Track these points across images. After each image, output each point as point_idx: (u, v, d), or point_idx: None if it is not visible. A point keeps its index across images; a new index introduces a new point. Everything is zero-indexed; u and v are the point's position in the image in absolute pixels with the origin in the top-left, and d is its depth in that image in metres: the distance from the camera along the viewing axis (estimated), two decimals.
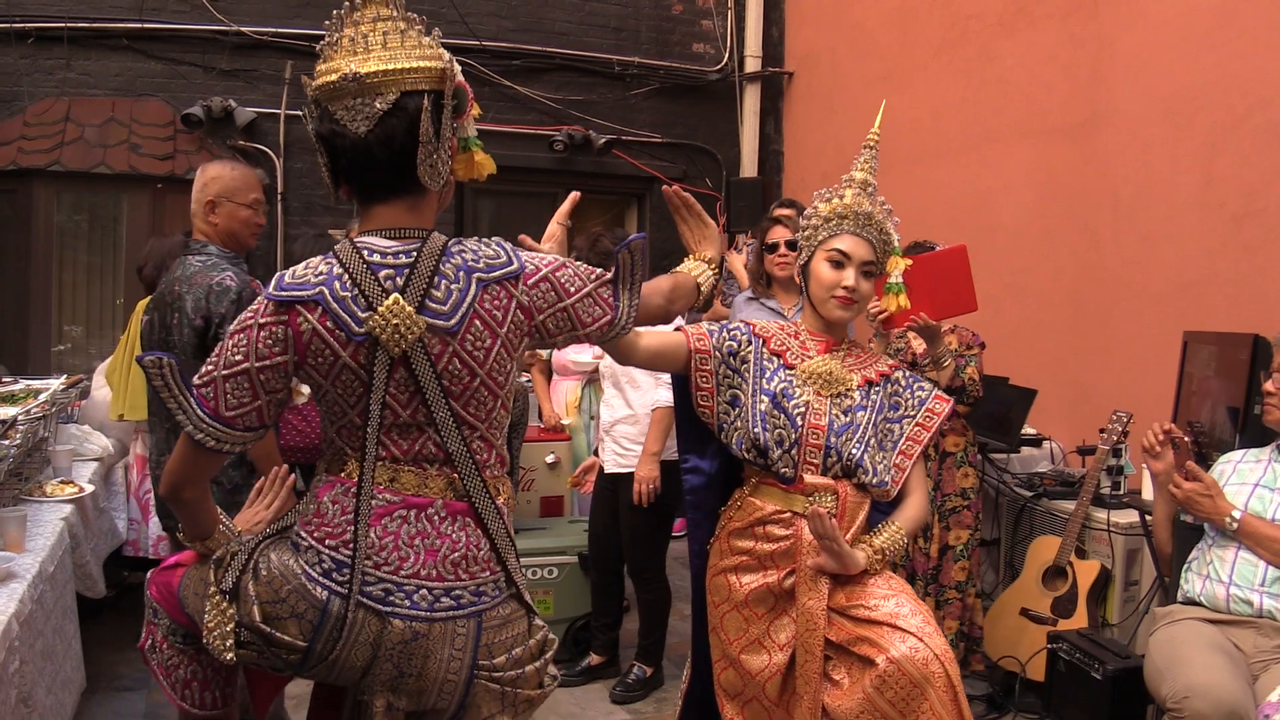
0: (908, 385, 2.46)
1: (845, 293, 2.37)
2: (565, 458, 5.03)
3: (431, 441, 1.72)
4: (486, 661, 1.74)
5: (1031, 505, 4.24)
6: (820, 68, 7.47)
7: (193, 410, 1.66)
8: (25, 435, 3.17)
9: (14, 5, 6.10)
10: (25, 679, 2.31)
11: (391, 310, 1.64)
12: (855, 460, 2.29)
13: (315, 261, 1.71)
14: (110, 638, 4.16)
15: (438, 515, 1.72)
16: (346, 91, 1.65)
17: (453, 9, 6.89)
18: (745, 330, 2.45)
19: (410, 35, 1.69)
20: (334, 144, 1.70)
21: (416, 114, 1.66)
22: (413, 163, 1.68)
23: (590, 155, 7.46)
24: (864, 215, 2.40)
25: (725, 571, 2.38)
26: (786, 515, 2.30)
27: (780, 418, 2.31)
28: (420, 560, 1.69)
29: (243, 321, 1.68)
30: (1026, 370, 4.65)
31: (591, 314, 1.82)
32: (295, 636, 1.68)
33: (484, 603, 1.73)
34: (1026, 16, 5.34)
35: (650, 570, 4.03)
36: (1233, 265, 4.13)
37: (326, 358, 1.67)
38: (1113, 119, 4.76)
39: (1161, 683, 2.62)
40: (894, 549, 2.30)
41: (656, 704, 3.99)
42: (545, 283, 1.77)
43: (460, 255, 1.72)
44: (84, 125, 6.17)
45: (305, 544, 1.71)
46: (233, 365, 1.66)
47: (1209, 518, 2.82)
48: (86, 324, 6.52)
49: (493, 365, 1.72)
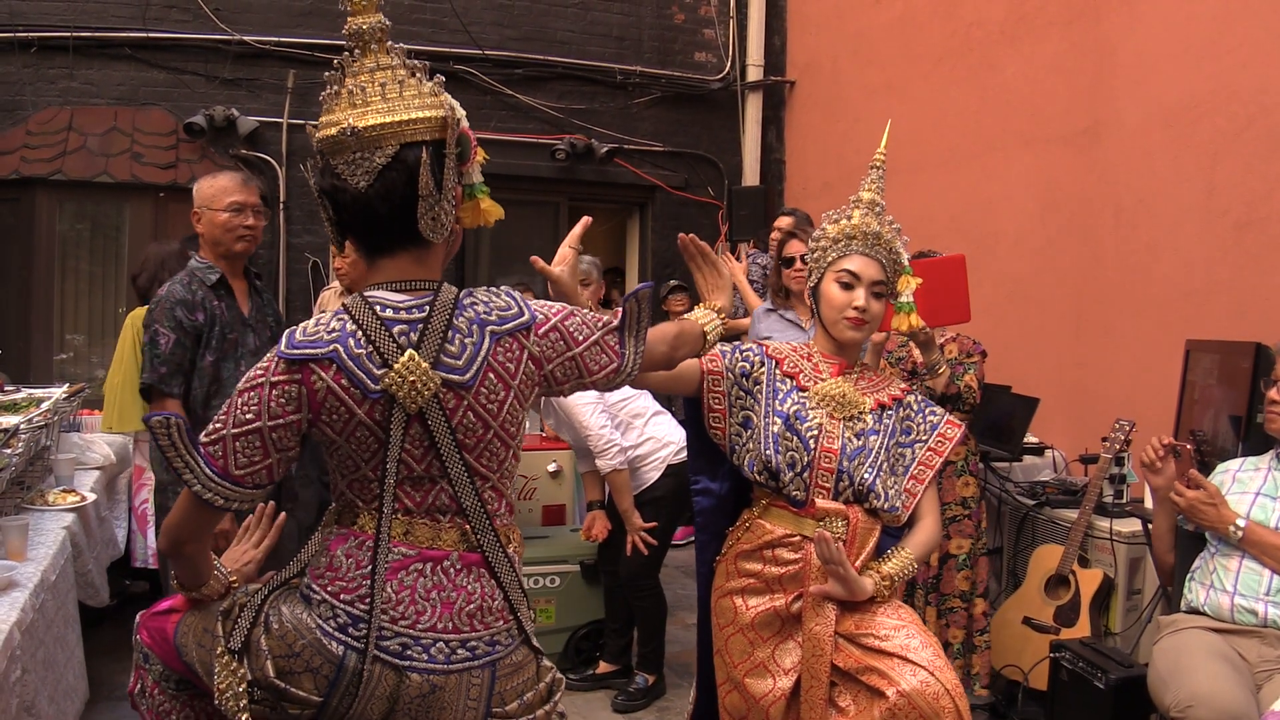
0: (920, 409, 2.45)
1: (856, 313, 2.36)
2: (567, 466, 5.03)
3: (445, 493, 1.71)
4: (500, 709, 1.74)
5: (1034, 514, 4.23)
6: (822, 76, 7.49)
7: (200, 470, 1.64)
8: (27, 444, 3.17)
9: (17, 14, 6.12)
10: (28, 688, 2.30)
11: (407, 367, 1.63)
12: (867, 485, 2.28)
13: (326, 318, 1.68)
14: (110, 647, 4.15)
15: (453, 568, 1.71)
16: (346, 146, 1.65)
17: (455, 18, 6.91)
18: (758, 351, 2.45)
19: (410, 85, 1.68)
20: (336, 199, 1.69)
21: (416, 166, 1.64)
22: (414, 216, 1.66)
23: (592, 164, 7.47)
24: (872, 235, 2.39)
25: (731, 594, 2.37)
26: (796, 539, 2.29)
27: (793, 440, 2.30)
28: (437, 614, 1.68)
29: (253, 379, 1.65)
30: (1028, 378, 4.65)
31: (598, 362, 1.81)
32: (310, 691, 1.67)
33: (498, 652, 1.73)
34: (1028, 25, 5.35)
35: (643, 579, 4.04)
36: (1235, 273, 4.12)
37: (341, 415, 1.65)
38: (1115, 127, 4.77)
39: (1165, 691, 2.61)
40: (903, 575, 2.28)
41: (659, 713, 3.99)
42: (555, 332, 1.76)
43: (473, 308, 1.71)
44: (86, 134, 6.19)
45: (318, 598, 1.69)
46: (243, 424, 1.63)
47: (1212, 526, 2.81)
48: (88, 333, 6.52)
49: (505, 417, 1.71)
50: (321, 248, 6.68)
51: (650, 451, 4.04)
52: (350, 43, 1.71)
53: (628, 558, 3.95)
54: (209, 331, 3.10)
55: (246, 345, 3.19)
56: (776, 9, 7.88)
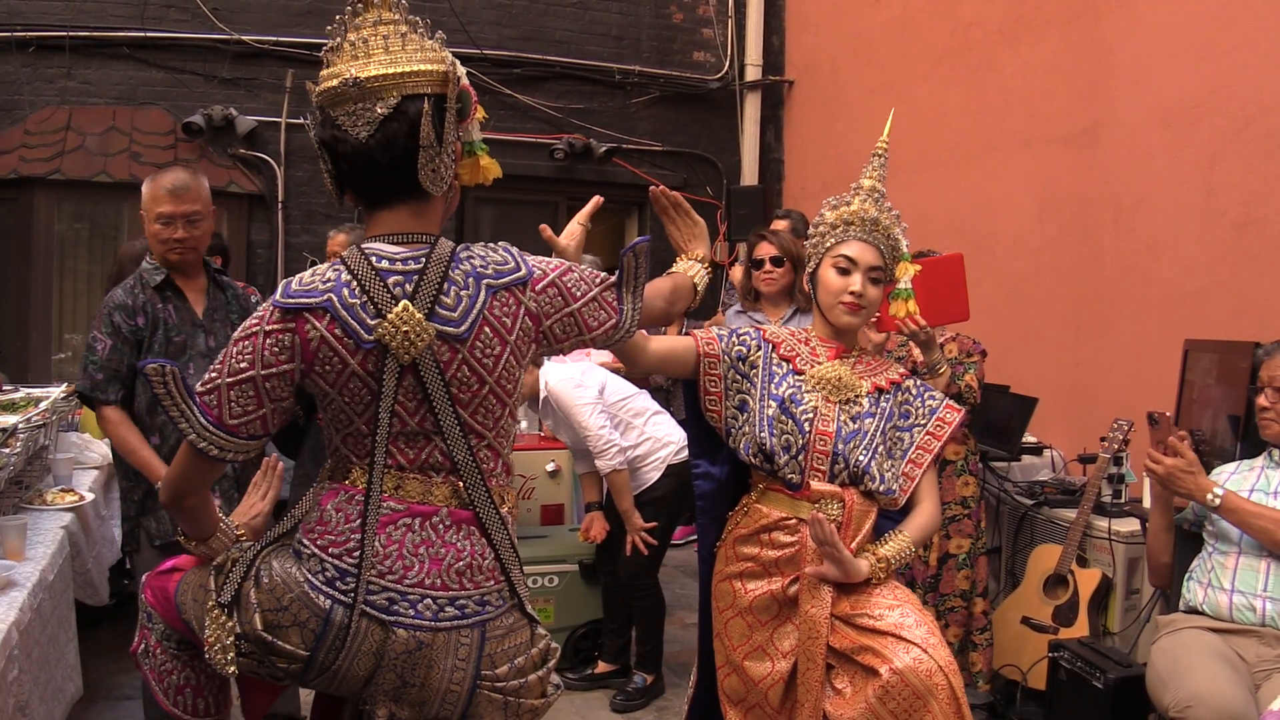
0: (919, 394, 2.46)
1: (852, 298, 2.36)
2: (565, 466, 5.03)
3: (438, 450, 1.71)
4: (489, 671, 1.73)
5: (1032, 513, 4.23)
6: (821, 76, 7.48)
7: (195, 418, 1.64)
8: (26, 443, 3.17)
9: (15, 14, 6.12)
10: (23, 688, 2.30)
11: (401, 317, 1.63)
12: (862, 467, 2.28)
13: (323, 268, 1.69)
14: (108, 647, 4.15)
15: (442, 524, 1.70)
16: (348, 97, 1.64)
17: (454, 18, 6.90)
18: (755, 335, 2.46)
19: (412, 39, 1.68)
20: (336, 150, 1.68)
21: (417, 118, 1.64)
22: (414, 167, 1.66)
23: (591, 164, 7.47)
24: (870, 221, 2.40)
25: (730, 578, 2.38)
26: (792, 522, 2.30)
27: (788, 423, 2.31)
28: (425, 569, 1.68)
29: (248, 329, 1.66)
30: (1027, 378, 4.65)
31: (597, 318, 1.82)
32: (297, 645, 1.67)
33: (488, 612, 1.72)
34: (1027, 25, 5.35)
35: (642, 578, 4.04)
36: (1234, 273, 4.12)
37: (334, 365, 1.65)
38: (1113, 127, 4.77)
39: (1164, 691, 2.61)
40: (900, 558, 2.28)
41: (657, 712, 3.99)
42: (553, 288, 1.76)
43: (469, 261, 1.71)
44: (85, 134, 6.18)
45: (308, 552, 1.69)
46: (238, 373, 1.64)
47: (1190, 494, 2.77)
48: (87, 332, 6.50)
49: (502, 373, 1.71)
50: (320, 247, 6.66)
51: (649, 451, 4.04)
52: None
53: (627, 558, 3.95)
54: (150, 336, 3.00)
55: (197, 346, 3.04)
56: (775, 9, 7.88)
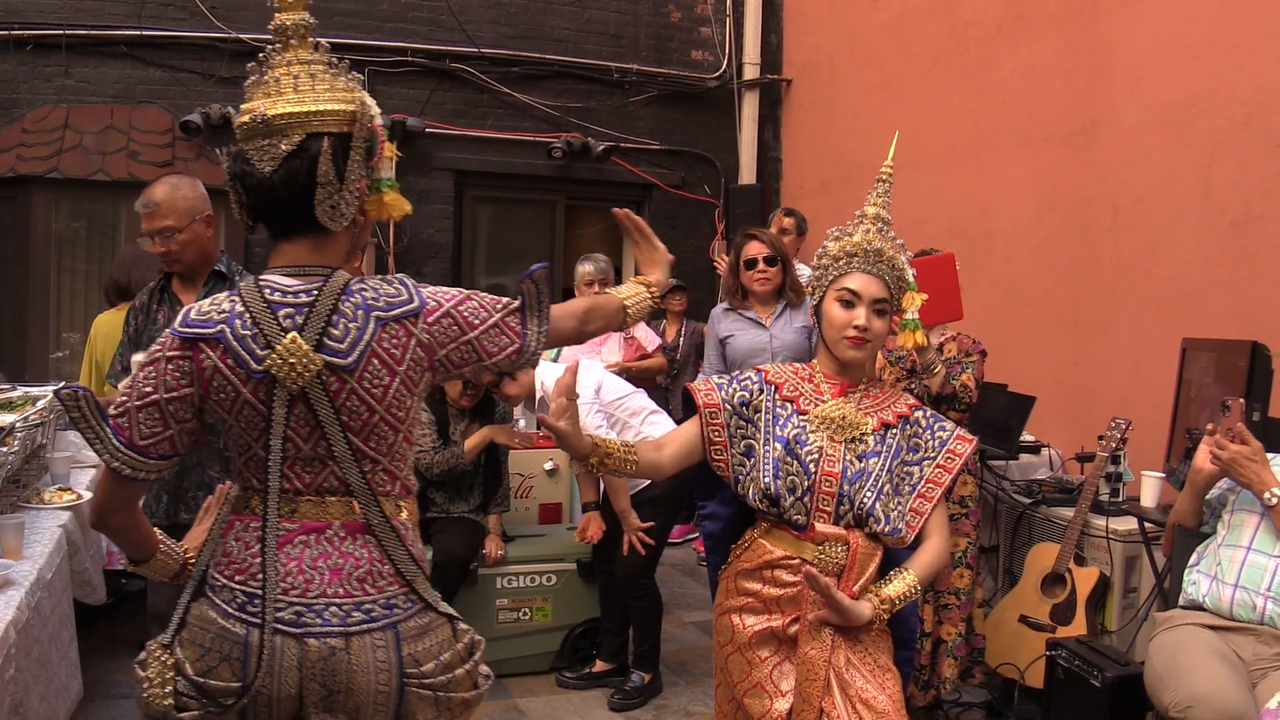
0: (928, 426, 2.38)
1: (856, 333, 2.30)
2: (563, 465, 5.03)
3: (333, 474, 1.77)
4: (415, 670, 1.78)
5: (1030, 512, 4.23)
6: (819, 75, 7.49)
7: (109, 440, 1.72)
8: (23, 442, 3.17)
9: (12, 12, 6.11)
10: (19, 686, 2.30)
11: (288, 349, 1.70)
12: (867, 509, 2.23)
13: (221, 298, 1.77)
14: (106, 646, 4.15)
15: (336, 536, 1.77)
16: (257, 132, 1.73)
17: (451, 16, 6.90)
18: (757, 378, 2.40)
19: (324, 79, 1.76)
20: (244, 182, 1.77)
21: (318, 155, 1.72)
22: (314, 203, 1.74)
23: (589, 162, 7.46)
24: (874, 252, 2.33)
25: (730, 612, 2.35)
26: (795, 561, 2.26)
27: (793, 464, 2.26)
28: (326, 580, 1.74)
29: (152, 354, 1.75)
30: (1025, 377, 4.65)
31: (498, 344, 1.85)
32: (229, 679, 1.72)
33: (396, 615, 1.77)
34: (1025, 24, 5.35)
35: (640, 578, 4.04)
36: (1231, 272, 4.13)
37: (228, 394, 1.73)
38: (1112, 126, 4.77)
39: (1163, 690, 2.61)
40: (904, 597, 2.23)
41: (655, 711, 3.99)
42: (447, 318, 1.81)
43: (361, 294, 1.77)
44: (82, 132, 6.18)
45: (219, 584, 1.76)
46: (144, 396, 1.72)
47: (1249, 484, 2.74)
48: (85, 331, 6.49)
49: (392, 401, 1.77)
50: None
51: None
52: (275, 37, 1.78)
53: (624, 557, 3.95)
54: (138, 337, 3.14)
55: None
56: (773, 7, 7.89)
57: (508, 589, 4.25)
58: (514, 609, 4.26)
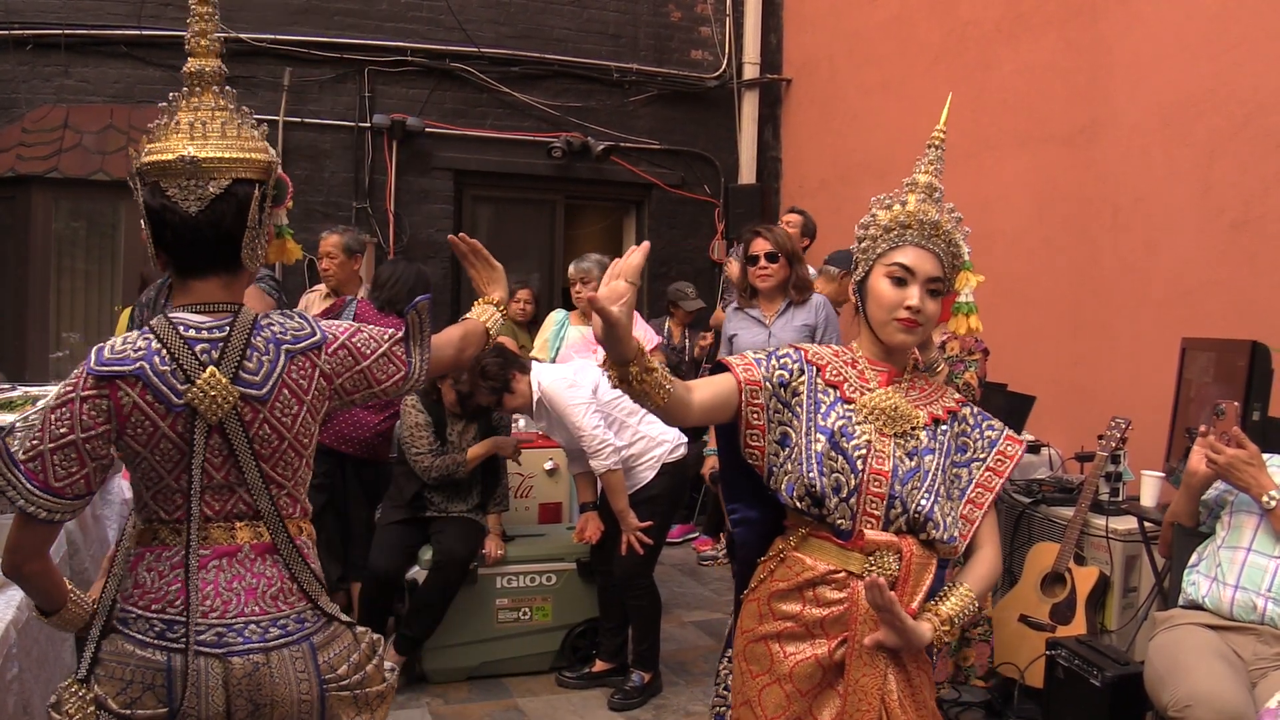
0: (976, 424, 2.12)
1: (909, 314, 2.02)
2: (563, 464, 5.03)
3: (242, 500, 1.84)
4: (331, 675, 1.86)
5: (1030, 511, 4.23)
6: (818, 74, 7.49)
7: (22, 485, 1.73)
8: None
9: (12, 12, 6.11)
10: (24, 686, 2.31)
11: (209, 382, 1.77)
12: (924, 513, 1.95)
13: (133, 336, 1.80)
14: None
15: (247, 558, 1.84)
16: (181, 172, 1.78)
17: (451, 16, 6.90)
18: (796, 357, 2.08)
19: (245, 128, 1.86)
20: (163, 218, 1.81)
21: (246, 201, 1.81)
22: (236, 244, 1.83)
23: (588, 162, 7.47)
24: (930, 224, 2.09)
25: (766, 639, 2.04)
26: (841, 575, 1.97)
27: (839, 460, 1.97)
28: (243, 600, 1.81)
29: (64, 395, 1.77)
30: (1025, 377, 4.65)
31: (386, 372, 1.97)
32: (155, 707, 1.76)
33: (308, 628, 1.86)
34: (1025, 24, 5.35)
35: (638, 577, 4.04)
36: (1231, 272, 4.13)
37: (146, 429, 1.77)
38: (1111, 126, 4.77)
39: (1163, 690, 2.61)
40: (964, 615, 1.96)
41: (655, 710, 3.99)
42: (343, 349, 1.92)
43: (270, 329, 1.86)
44: (82, 132, 6.17)
45: (134, 615, 1.79)
46: (59, 438, 1.74)
47: (1246, 488, 2.73)
48: (84, 331, 6.50)
49: (299, 429, 1.87)
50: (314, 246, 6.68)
51: (644, 450, 4.04)
52: (188, 82, 1.87)
53: (622, 557, 3.95)
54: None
55: None
56: (773, 7, 7.89)
57: (508, 589, 4.25)
58: (514, 609, 4.26)
